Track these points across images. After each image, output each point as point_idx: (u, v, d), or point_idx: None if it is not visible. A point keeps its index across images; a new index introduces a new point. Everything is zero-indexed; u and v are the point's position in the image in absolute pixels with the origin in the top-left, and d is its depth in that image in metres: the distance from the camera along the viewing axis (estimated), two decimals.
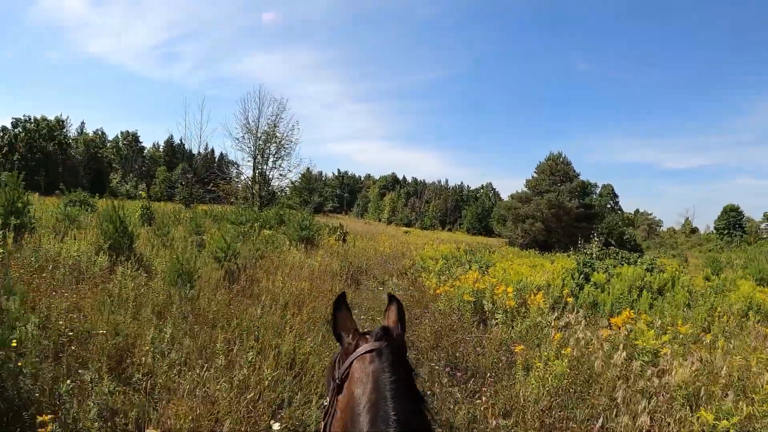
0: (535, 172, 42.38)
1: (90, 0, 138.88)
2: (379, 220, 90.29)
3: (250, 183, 34.04)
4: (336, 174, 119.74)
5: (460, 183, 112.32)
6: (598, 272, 11.14)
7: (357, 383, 1.26)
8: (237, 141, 32.78)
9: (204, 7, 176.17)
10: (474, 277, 8.55)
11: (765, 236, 76.39)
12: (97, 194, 41.77)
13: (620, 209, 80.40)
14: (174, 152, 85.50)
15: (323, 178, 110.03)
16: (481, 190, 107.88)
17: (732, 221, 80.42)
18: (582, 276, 10.81)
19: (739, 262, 21.83)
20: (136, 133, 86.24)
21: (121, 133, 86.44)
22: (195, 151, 36.05)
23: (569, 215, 37.70)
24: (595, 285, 10.19)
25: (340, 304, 1.52)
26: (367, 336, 1.41)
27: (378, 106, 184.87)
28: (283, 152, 33.17)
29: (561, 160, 40.82)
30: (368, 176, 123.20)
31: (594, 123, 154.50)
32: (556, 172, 40.25)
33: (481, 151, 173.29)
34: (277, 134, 32.64)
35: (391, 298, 1.58)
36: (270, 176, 34.37)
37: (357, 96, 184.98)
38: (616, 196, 79.97)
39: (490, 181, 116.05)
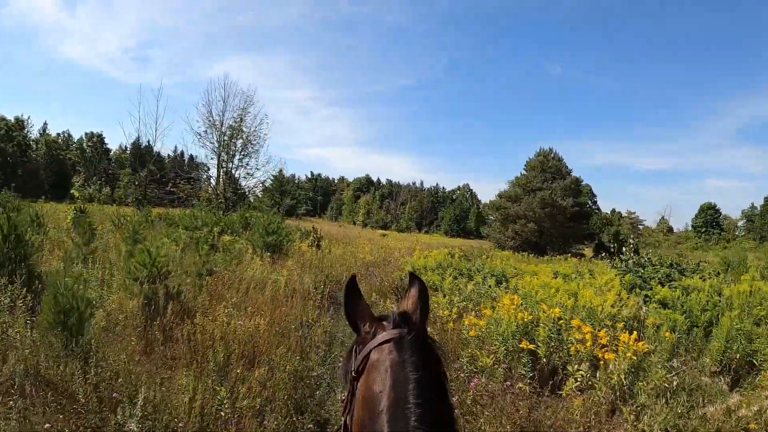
0: (524, 169, 38.66)
1: (62, 3, 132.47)
2: (354, 223, 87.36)
3: (214, 183, 30.74)
4: (309, 177, 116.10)
5: (435, 185, 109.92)
6: (654, 285, 8.50)
7: (375, 379, 1.12)
8: (199, 136, 29.31)
9: (176, 11, 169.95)
10: (511, 303, 5.74)
11: (743, 234, 76.54)
12: (42, 198, 38.00)
13: (598, 209, 79.31)
14: (141, 154, 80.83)
15: (296, 181, 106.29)
16: (458, 192, 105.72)
17: (709, 219, 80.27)
18: (643, 294, 8.13)
19: (760, 263, 19.62)
20: (102, 135, 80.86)
21: (86, 134, 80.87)
22: (151, 147, 32.45)
23: (563, 215, 34.35)
24: (662, 305, 7.51)
25: (353, 288, 1.36)
26: (384, 323, 1.26)
27: (351, 111, 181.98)
28: (250, 149, 29.95)
29: (552, 155, 37.18)
30: (342, 179, 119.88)
31: (567, 125, 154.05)
32: (548, 168, 36.74)
33: (455, 155, 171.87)
34: (244, 129, 29.40)
35: (413, 278, 1.39)
36: (236, 175, 31.10)
37: (330, 101, 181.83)
38: (594, 196, 78.70)
39: (467, 182, 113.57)
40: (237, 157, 30.49)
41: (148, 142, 29.33)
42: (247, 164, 30.65)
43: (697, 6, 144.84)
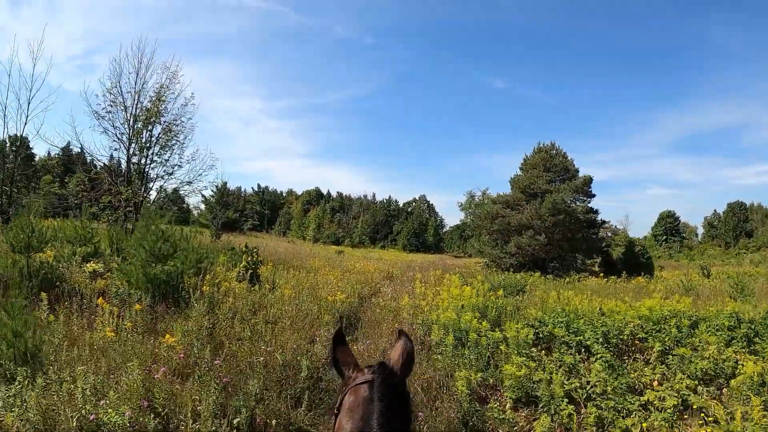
0: (521, 169, 31.41)
1: (8, 4, 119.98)
2: (304, 238, 79.84)
3: (115, 182, 22.75)
4: (256, 189, 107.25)
5: (388, 197, 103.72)
6: None
7: (347, 412, 1.24)
8: (99, 119, 21.20)
9: (120, 18, 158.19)
10: None
11: (707, 240, 75.95)
12: None
13: None
14: (71, 161, 69.96)
15: (242, 194, 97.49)
16: (414, 204, 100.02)
17: (669, 227, 78.73)
18: None
19: None
20: (26, 138, 69.21)
21: (9, 137, 69.36)
22: (18, 126, 24.04)
23: (578, 223, 27.35)
24: None
25: (339, 339, 1.45)
26: (365, 370, 1.36)
27: (298, 122, 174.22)
28: (171, 137, 22.09)
29: (555, 151, 30.20)
30: (290, 192, 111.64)
31: (509, 138, 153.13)
32: (552, 167, 29.44)
33: (406, 167, 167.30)
34: (162, 111, 21.60)
35: (400, 334, 1.48)
36: (152, 174, 23.01)
37: (275, 113, 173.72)
38: None
39: (423, 194, 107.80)
40: (153, 149, 22.46)
41: (23, 125, 21.08)
42: (167, 160, 22.59)
43: (628, 20, 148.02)
